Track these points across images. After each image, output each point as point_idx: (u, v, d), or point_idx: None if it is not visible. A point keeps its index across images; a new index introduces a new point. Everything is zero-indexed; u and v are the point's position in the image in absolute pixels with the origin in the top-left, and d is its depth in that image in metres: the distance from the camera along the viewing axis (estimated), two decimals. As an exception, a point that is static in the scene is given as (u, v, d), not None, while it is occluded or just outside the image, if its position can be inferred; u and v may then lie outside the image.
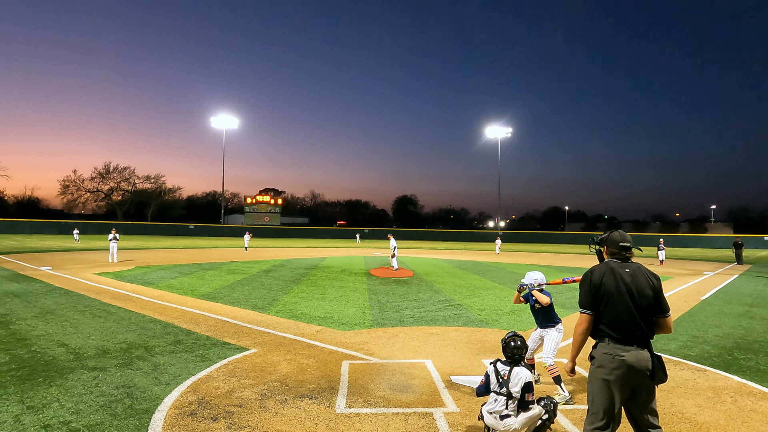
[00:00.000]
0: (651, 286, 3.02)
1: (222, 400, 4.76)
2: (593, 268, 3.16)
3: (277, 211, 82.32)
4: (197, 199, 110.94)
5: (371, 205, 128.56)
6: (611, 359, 2.94)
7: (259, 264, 21.22)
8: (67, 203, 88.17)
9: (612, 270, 3.07)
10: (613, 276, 3.03)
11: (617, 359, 2.93)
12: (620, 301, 2.98)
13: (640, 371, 2.93)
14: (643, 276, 3.05)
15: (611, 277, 3.03)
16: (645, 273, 3.07)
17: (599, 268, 3.14)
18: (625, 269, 3.06)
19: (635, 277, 3.02)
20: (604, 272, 3.07)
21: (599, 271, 3.11)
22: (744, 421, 4.48)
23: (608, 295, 3.00)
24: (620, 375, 2.93)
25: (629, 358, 2.92)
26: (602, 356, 2.99)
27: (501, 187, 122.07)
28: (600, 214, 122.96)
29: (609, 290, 3.00)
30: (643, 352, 2.95)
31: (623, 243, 3.13)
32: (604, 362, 2.97)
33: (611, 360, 2.94)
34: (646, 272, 3.08)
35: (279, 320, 8.87)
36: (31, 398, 4.72)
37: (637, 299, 2.97)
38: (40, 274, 15.56)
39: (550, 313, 5.31)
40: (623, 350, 2.94)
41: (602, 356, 2.99)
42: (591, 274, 3.12)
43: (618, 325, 2.98)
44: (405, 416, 4.47)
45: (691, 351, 7.08)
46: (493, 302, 11.56)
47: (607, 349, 2.98)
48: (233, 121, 69.69)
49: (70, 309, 9.45)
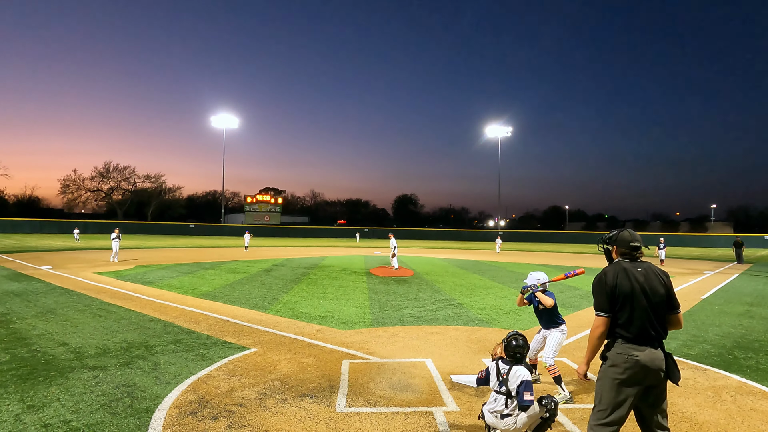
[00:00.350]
0: (663, 284, 3.02)
1: (222, 400, 4.76)
2: (605, 270, 3.12)
3: (278, 211, 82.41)
4: (197, 198, 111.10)
5: (371, 205, 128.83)
6: (625, 359, 2.92)
7: (260, 263, 21.22)
8: (67, 203, 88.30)
9: (625, 270, 3.04)
10: (627, 276, 3.01)
11: (631, 359, 2.91)
12: (636, 301, 2.96)
13: (654, 371, 2.91)
14: (655, 275, 3.04)
15: (625, 277, 3.01)
16: (656, 272, 3.07)
17: (611, 269, 3.10)
18: (638, 269, 3.05)
19: (648, 277, 3.01)
20: (617, 273, 3.04)
21: (612, 272, 3.07)
22: (744, 421, 4.48)
23: (624, 296, 2.97)
24: (633, 374, 2.91)
25: (643, 357, 2.90)
26: (616, 356, 2.97)
27: (501, 186, 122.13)
28: (600, 214, 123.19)
29: (625, 291, 2.98)
30: (656, 352, 2.93)
31: (633, 243, 3.11)
32: (618, 362, 2.95)
33: (625, 360, 2.92)
34: (657, 271, 3.08)
35: (279, 319, 8.88)
36: (31, 397, 4.72)
37: (651, 298, 2.96)
38: (41, 273, 15.57)
39: (554, 315, 5.31)
40: (637, 350, 2.92)
41: (616, 356, 2.97)
42: (605, 276, 3.07)
43: (633, 325, 2.96)
44: (405, 415, 4.47)
45: (692, 350, 7.08)
46: (493, 301, 11.56)
47: (620, 349, 2.96)
48: (233, 120, 69.75)
49: (70, 308, 9.46)
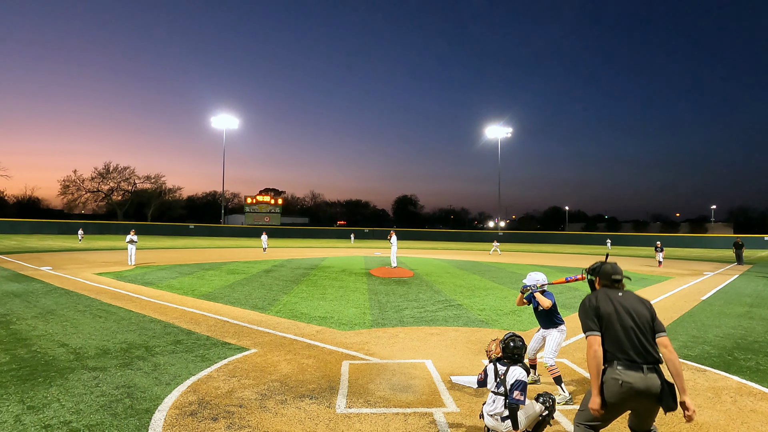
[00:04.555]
0: (646, 307, 3.16)
1: (222, 400, 4.76)
2: (588, 296, 3.32)
3: (277, 211, 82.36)
4: (197, 199, 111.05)
5: (371, 205, 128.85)
6: (619, 384, 2.91)
7: (259, 264, 21.23)
8: (67, 203, 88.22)
9: (606, 294, 3.24)
10: (608, 299, 3.19)
11: (625, 385, 2.90)
12: (621, 320, 3.06)
13: (649, 397, 2.91)
14: (637, 298, 3.21)
15: (607, 299, 3.18)
16: (638, 297, 3.24)
17: (593, 294, 3.31)
18: (618, 293, 3.24)
19: (629, 299, 3.18)
20: (598, 296, 3.24)
21: (594, 295, 3.28)
22: (744, 422, 4.48)
23: (608, 315, 3.09)
24: (626, 399, 2.92)
25: (638, 384, 2.88)
26: (610, 381, 2.96)
27: (501, 187, 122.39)
28: (600, 214, 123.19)
29: (608, 310, 3.11)
30: (652, 377, 2.90)
31: (615, 276, 3.30)
32: (612, 387, 2.95)
33: (619, 385, 2.91)
34: (638, 297, 3.25)
35: (279, 320, 8.88)
36: (31, 398, 4.72)
37: (636, 318, 3.06)
38: (41, 274, 15.57)
39: (553, 315, 5.31)
40: (631, 376, 2.90)
41: (610, 381, 2.96)
42: (587, 299, 3.27)
43: (624, 345, 2.99)
44: (405, 416, 4.47)
45: (691, 351, 7.08)
46: (493, 302, 11.56)
47: (614, 374, 2.96)
48: (233, 120, 69.81)
49: (70, 309, 9.46)
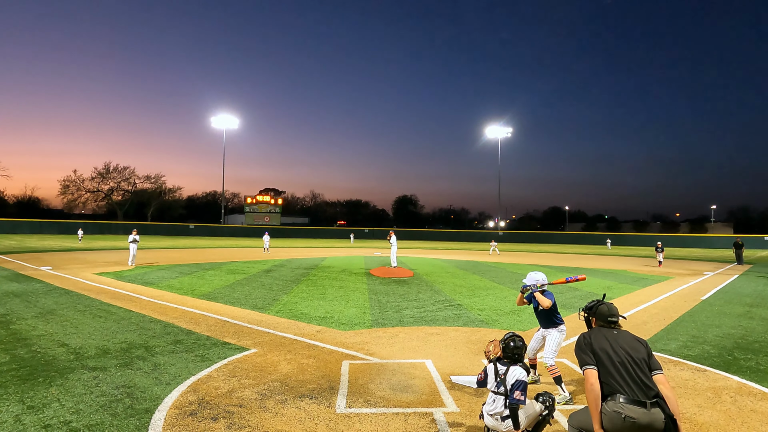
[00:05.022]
0: (641, 344, 3.20)
1: (222, 400, 4.76)
2: (583, 333, 3.39)
3: (277, 211, 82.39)
4: (197, 199, 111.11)
5: (371, 205, 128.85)
6: (622, 419, 2.89)
7: (259, 264, 21.23)
8: (67, 203, 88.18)
9: (600, 331, 3.32)
10: (603, 336, 3.26)
11: (628, 420, 2.88)
12: (617, 354, 3.10)
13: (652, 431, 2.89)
14: (631, 336, 3.27)
15: (601, 336, 3.25)
16: (633, 335, 3.29)
17: (589, 332, 3.39)
18: (614, 331, 3.31)
19: (625, 337, 3.24)
20: (593, 334, 3.31)
21: (589, 333, 3.36)
22: (744, 422, 4.48)
23: (603, 350, 3.14)
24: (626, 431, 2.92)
25: (642, 419, 2.86)
26: (612, 413, 2.94)
27: (501, 187, 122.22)
28: (600, 214, 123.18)
29: (603, 346, 3.16)
30: (655, 411, 2.88)
31: (611, 318, 3.37)
32: (614, 419, 2.92)
33: (622, 419, 2.89)
34: (633, 335, 3.30)
35: (279, 320, 8.88)
36: (31, 398, 4.72)
37: (631, 353, 3.10)
38: (41, 274, 15.57)
39: (553, 315, 5.31)
40: (635, 411, 2.88)
41: (612, 413, 2.94)
42: (583, 336, 3.34)
43: (624, 379, 2.99)
44: (405, 416, 4.47)
45: (691, 351, 7.08)
46: (493, 302, 11.56)
47: (617, 407, 2.93)
48: (233, 121, 69.82)
49: (70, 309, 9.46)
